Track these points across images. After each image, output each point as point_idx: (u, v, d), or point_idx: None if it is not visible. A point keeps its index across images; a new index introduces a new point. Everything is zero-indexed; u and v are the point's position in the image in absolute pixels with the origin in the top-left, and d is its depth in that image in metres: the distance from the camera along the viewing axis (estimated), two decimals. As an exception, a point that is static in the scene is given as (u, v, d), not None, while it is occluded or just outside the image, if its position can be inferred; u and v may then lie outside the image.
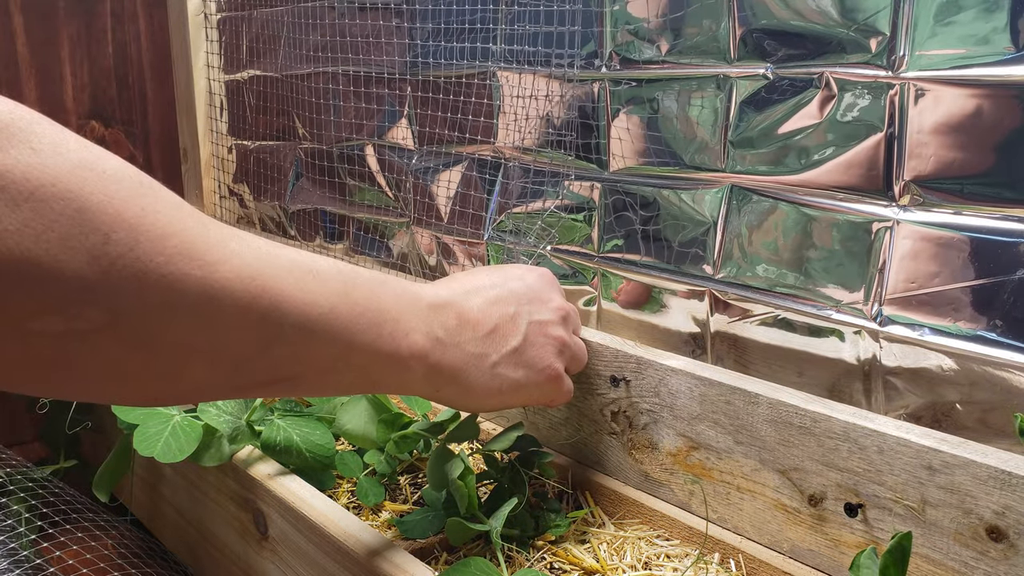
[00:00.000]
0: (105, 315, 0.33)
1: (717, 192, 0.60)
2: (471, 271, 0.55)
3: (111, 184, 0.33)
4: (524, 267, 0.58)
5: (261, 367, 0.40)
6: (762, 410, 0.52)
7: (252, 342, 0.38)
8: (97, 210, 0.33)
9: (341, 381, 0.45)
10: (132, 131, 1.15)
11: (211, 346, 0.37)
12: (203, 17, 1.08)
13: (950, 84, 0.47)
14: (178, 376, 0.38)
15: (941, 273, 0.49)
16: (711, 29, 0.57)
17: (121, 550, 0.67)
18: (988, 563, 0.43)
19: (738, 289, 0.59)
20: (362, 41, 0.85)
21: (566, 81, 0.67)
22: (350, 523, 0.50)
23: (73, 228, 0.32)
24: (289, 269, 0.40)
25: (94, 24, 1.10)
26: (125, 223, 0.33)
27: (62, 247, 0.32)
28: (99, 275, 0.33)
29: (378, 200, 0.89)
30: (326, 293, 0.41)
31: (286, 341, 0.40)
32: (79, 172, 0.32)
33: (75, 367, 0.34)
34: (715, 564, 0.54)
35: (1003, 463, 0.43)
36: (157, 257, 0.34)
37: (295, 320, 0.39)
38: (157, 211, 0.34)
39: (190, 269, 0.35)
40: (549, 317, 0.54)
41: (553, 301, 0.56)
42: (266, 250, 0.39)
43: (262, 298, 0.38)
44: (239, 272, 0.37)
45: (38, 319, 0.32)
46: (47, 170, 0.32)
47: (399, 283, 0.47)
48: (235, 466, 0.58)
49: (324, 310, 0.41)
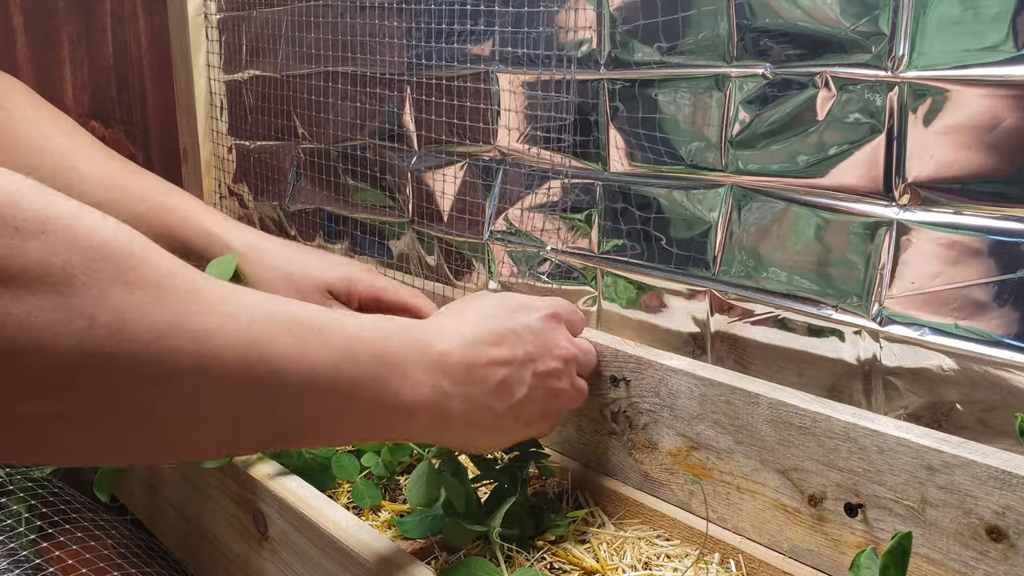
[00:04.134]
0: (95, 396, 0.32)
1: (717, 192, 0.59)
2: (479, 302, 0.53)
3: (97, 260, 0.32)
4: (534, 304, 0.55)
5: (261, 427, 0.39)
6: (762, 410, 0.52)
7: (250, 406, 0.37)
8: (82, 292, 0.31)
9: (342, 432, 0.44)
10: (132, 131, 1.15)
11: (208, 414, 0.36)
12: (203, 17, 1.08)
13: (950, 84, 0.47)
14: (175, 444, 0.37)
15: (941, 273, 0.49)
16: (710, 29, 0.57)
17: (121, 550, 0.67)
18: (988, 563, 0.43)
19: (738, 289, 0.59)
20: (362, 41, 0.85)
21: (566, 81, 0.67)
22: (350, 523, 0.50)
23: (58, 313, 0.30)
24: (288, 328, 0.38)
25: (94, 24, 1.10)
26: (110, 305, 0.32)
27: (47, 332, 0.30)
28: (86, 358, 0.31)
29: (378, 200, 0.89)
30: (329, 351, 0.40)
31: (286, 402, 0.38)
32: (64, 252, 0.31)
33: (67, 443, 0.33)
34: (715, 564, 0.54)
35: (1003, 463, 0.43)
36: (146, 336, 0.32)
37: (296, 381, 0.38)
38: (144, 287, 0.33)
39: (181, 344, 0.33)
40: (554, 367, 0.53)
41: (559, 348, 0.54)
42: (263, 309, 0.38)
43: (260, 364, 0.36)
44: (234, 340, 0.35)
45: (26, 403, 0.31)
46: (30, 253, 0.30)
47: (406, 332, 0.45)
48: (235, 466, 0.58)
49: (327, 368, 0.39)
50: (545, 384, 0.53)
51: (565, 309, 0.57)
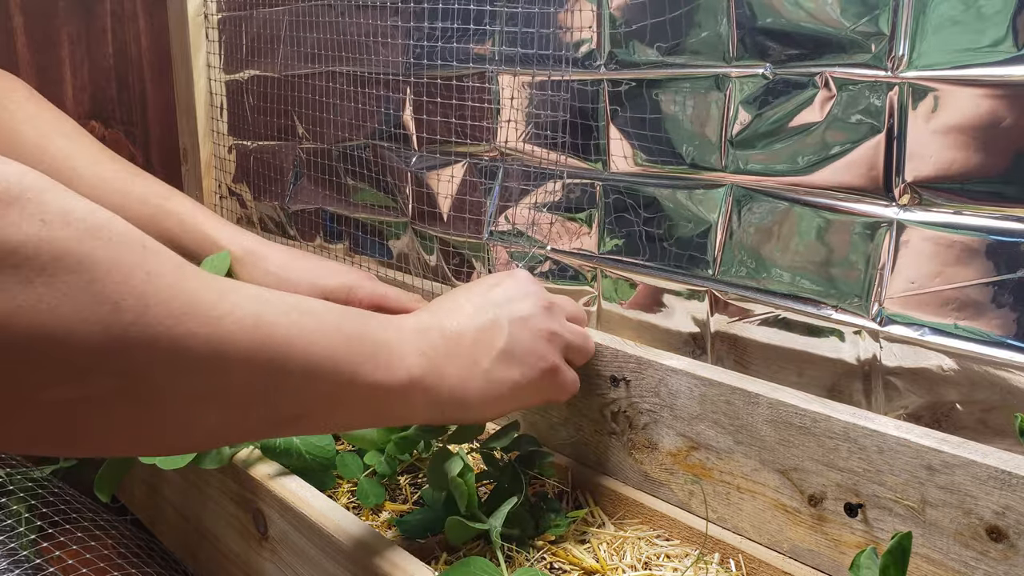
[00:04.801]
0: (117, 380, 0.34)
1: (717, 192, 0.59)
2: (449, 294, 0.56)
3: (118, 250, 0.34)
4: (499, 275, 0.58)
5: (270, 409, 0.41)
6: (762, 410, 0.52)
7: (259, 386, 0.39)
8: (107, 279, 0.33)
9: (347, 416, 0.46)
10: (132, 131, 1.15)
11: (220, 395, 0.38)
12: (203, 17, 1.08)
13: (950, 84, 0.47)
14: (190, 428, 0.39)
15: (941, 273, 0.49)
16: (711, 29, 0.57)
17: (121, 550, 0.67)
18: (988, 563, 0.43)
19: (738, 289, 0.59)
20: (362, 41, 0.85)
21: (565, 81, 0.67)
22: (350, 523, 0.50)
23: (85, 299, 0.32)
24: (286, 312, 0.41)
25: (94, 24, 1.10)
26: (134, 290, 0.34)
27: (75, 319, 0.32)
28: (110, 343, 0.33)
29: (378, 200, 0.89)
30: (323, 330, 0.42)
31: (291, 381, 0.40)
32: (88, 242, 0.33)
33: (88, 430, 0.35)
34: (715, 564, 0.54)
35: (1003, 463, 0.43)
36: (166, 320, 0.35)
37: (298, 359, 0.40)
38: (162, 274, 0.35)
39: (196, 327, 0.36)
40: (530, 311, 0.54)
41: (531, 296, 0.55)
42: (264, 296, 0.40)
43: (266, 343, 0.39)
44: (242, 322, 0.38)
45: (51, 389, 0.32)
46: (57, 243, 0.32)
47: (380, 316, 0.49)
48: (235, 466, 0.58)
49: (324, 346, 0.42)
50: (527, 326, 0.53)
51: (561, 301, 0.58)
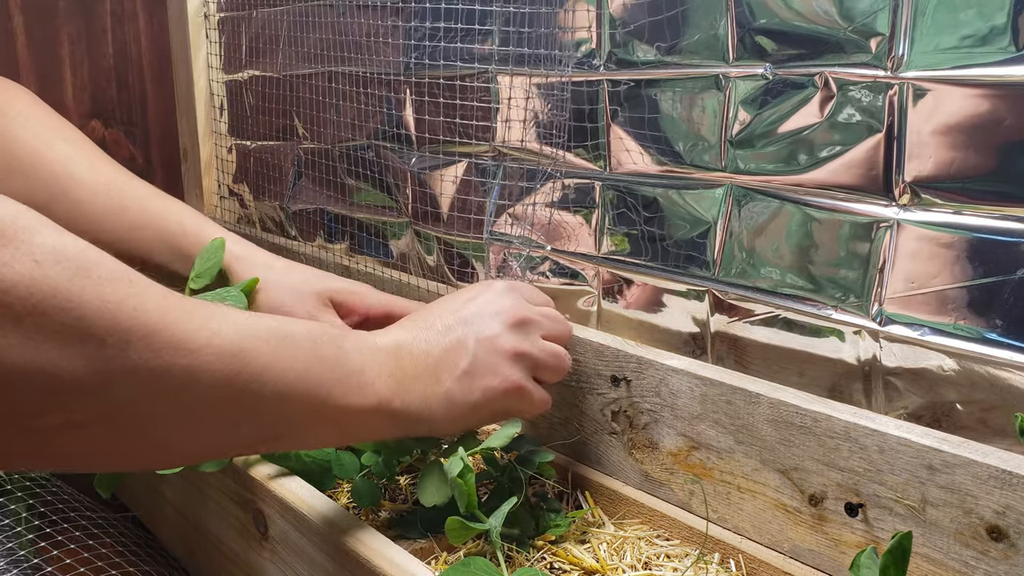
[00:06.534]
0: (100, 408, 0.36)
1: (717, 192, 0.60)
2: (427, 307, 0.56)
3: (105, 288, 0.35)
4: (480, 285, 0.57)
5: (245, 431, 0.43)
6: (763, 410, 0.52)
7: (235, 411, 0.41)
8: (95, 316, 0.34)
9: (319, 436, 0.48)
10: (132, 131, 1.15)
11: (197, 420, 0.40)
12: (203, 17, 1.08)
13: (950, 84, 0.47)
14: (166, 450, 0.41)
15: (941, 273, 0.49)
16: (710, 29, 0.57)
17: (120, 549, 0.67)
18: (988, 563, 0.43)
19: (738, 289, 0.59)
20: (362, 41, 0.85)
21: (565, 81, 0.67)
22: (350, 523, 0.50)
23: (72, 336, 0.34)
24: (266, 338, 0.42)
25: (94, 24, 1.10)
26: (119, 327, 0.35)
27: (62, 355, 0.33)
28: (94, 376, 0.34)
29: (378, 200, 0.89)
30: (299, 355, 0.44)
31: (266, 405, 0.42)
32: (77, 281, 0.34)
33: (72, 452, 0.37)
34: (715, 564, 0.54)
35: (1003, 463, 0.43)
36: (146, 353, 0.36)
37: (274, 385, 0.42)
38: (147, 310, 0.36)
39: (176, 359, 0.37)
40: (497, 330, 0.54)
41: (503, 313, 0.54)
42: (244, 323, 0.42)
43: (243, 371, 0.40)
44: (220, 351, 0.39)
45: (42, 418, 0.34)
46: (48, 282, 0.33)
47: (358, 336, 0.50)
48: (235, 467, 0.58)
49: (300, 370, 0.43)
50: (491, 346, 0.53)
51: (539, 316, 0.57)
